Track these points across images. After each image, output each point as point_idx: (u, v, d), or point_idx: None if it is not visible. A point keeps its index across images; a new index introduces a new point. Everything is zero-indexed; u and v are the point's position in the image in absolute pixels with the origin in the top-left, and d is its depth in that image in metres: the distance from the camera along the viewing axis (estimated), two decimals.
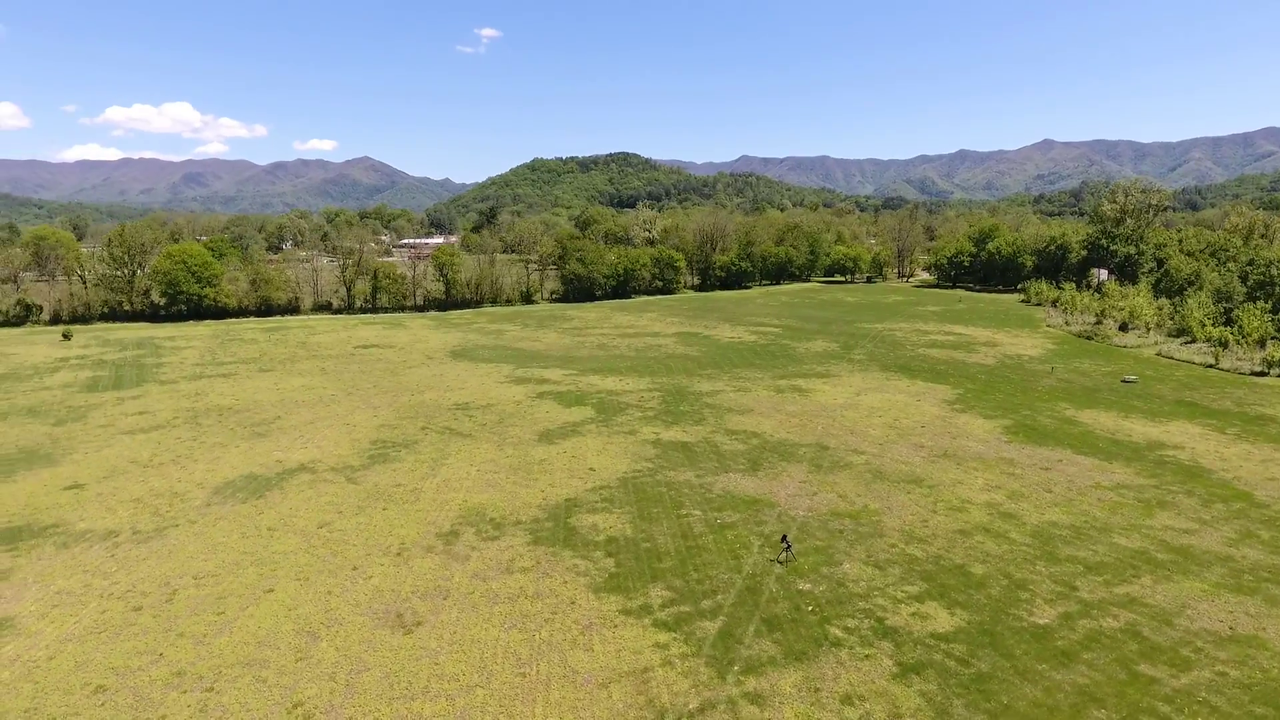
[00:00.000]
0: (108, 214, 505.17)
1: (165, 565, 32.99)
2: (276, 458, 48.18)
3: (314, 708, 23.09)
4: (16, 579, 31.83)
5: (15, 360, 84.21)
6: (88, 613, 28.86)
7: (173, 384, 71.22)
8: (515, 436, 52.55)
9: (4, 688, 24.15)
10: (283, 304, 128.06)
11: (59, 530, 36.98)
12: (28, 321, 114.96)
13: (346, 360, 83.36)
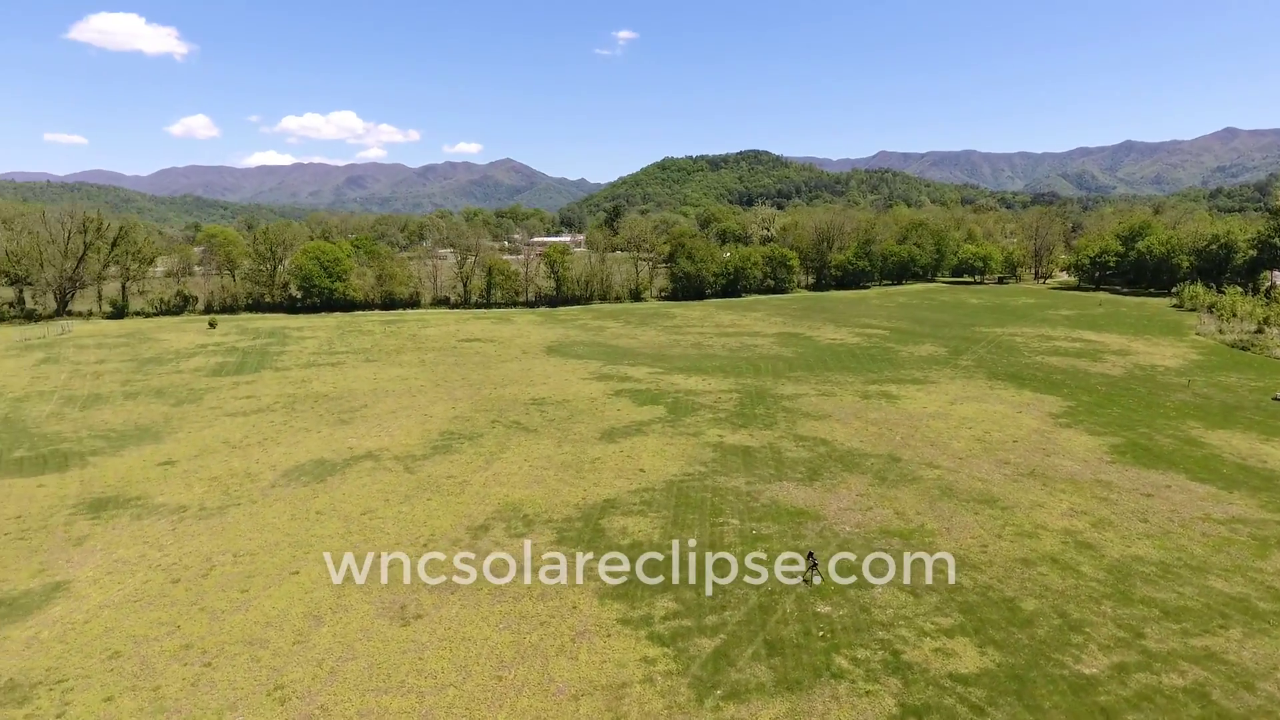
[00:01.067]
0: (279, 214, 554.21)
1: (214, 541, 35.05)
2: (349, 444, 50.39)
3: (293, 691, 23.57)
4: (88, 545, 34.80)
5: (163, 345, 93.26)
6: (133, 582, 31.03)
7: (285, 371, 76.41)
8: (578, 434, 52.37)
9: (37, 646, 26.28)
10: (404, 298, 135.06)
11: (139, 503, 40.22)
12: (185, 311, 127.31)
13: (447, 353, 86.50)
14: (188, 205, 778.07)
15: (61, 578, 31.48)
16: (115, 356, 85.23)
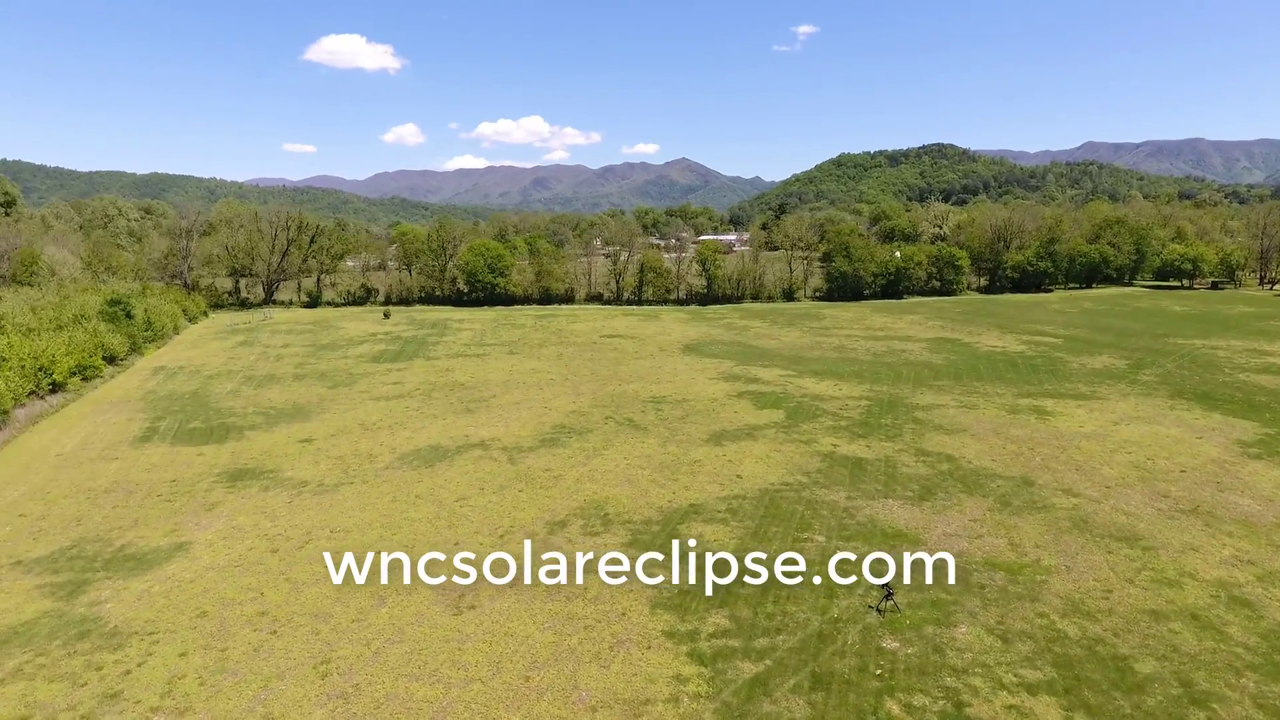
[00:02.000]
0: (471, 214, 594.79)
1: (319, 516, 37.68)
2: (466, 433, 52.55)
3: (336, 667, 24.61)
4: (217, 511, 38.61)
5: (340, 333, 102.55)
6: (239, 548, 33.98)
7: (434, 360, 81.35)
8: (686, 435, 51.35)
9: (145, 599, 29.36)
10: (560, 293, 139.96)
11: (270, 475, 44.14)
12: (368, 302, 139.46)
13: (586, 348, 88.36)
14: (395, 206, 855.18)
15: (186, 539, 35.09)
16: (298, 342, 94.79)
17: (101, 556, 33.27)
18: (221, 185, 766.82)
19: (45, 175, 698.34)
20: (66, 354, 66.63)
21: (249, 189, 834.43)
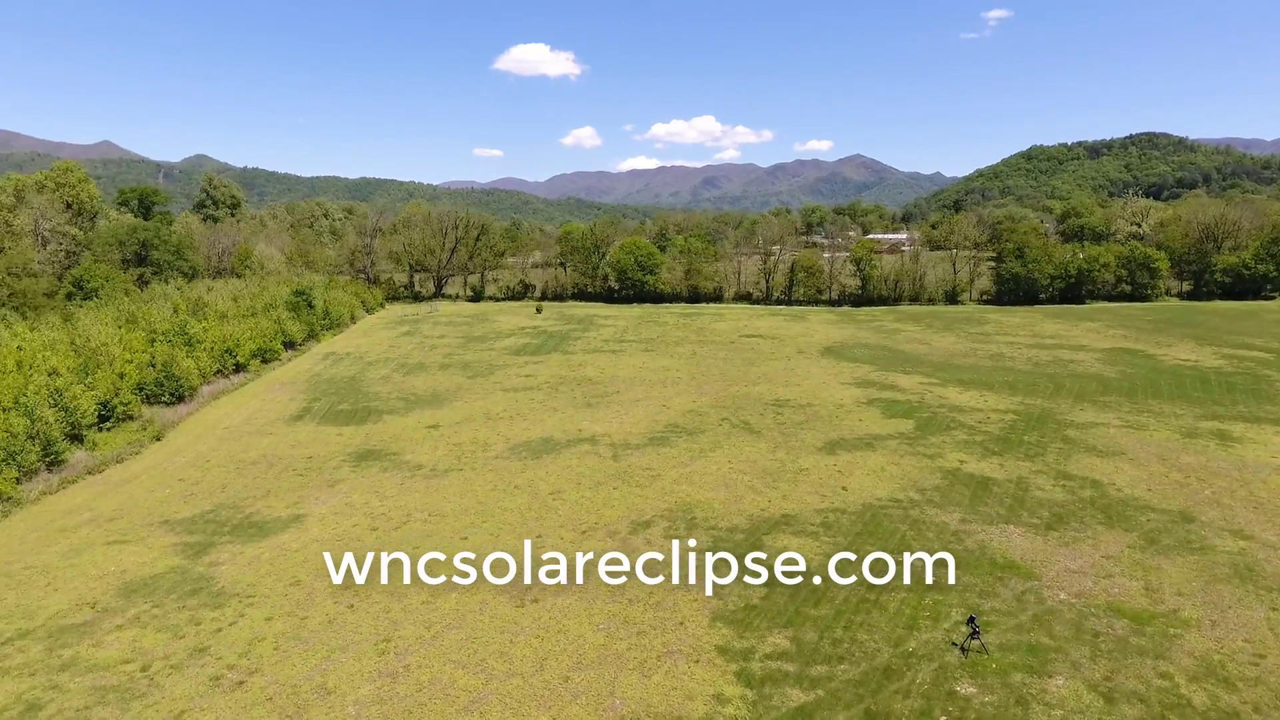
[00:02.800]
0: (641, 213, 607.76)
1: (422, 499, 39.59)
2: (580, 427, 53.34)
3: (394, 646, 25.60)
4: (337, 488, 41.63)
5: (492, 326, 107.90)
6: (345, 524, 36.38)
7: (571, 355, 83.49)
8: (800, 441, 49.12)
9: (255, 564, 32.11)
10: (708, 292, 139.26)
11: (393, 458, 47.02)
12: (525, 297, 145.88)
13: (722, 347, 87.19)
14: (570, 206, 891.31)
15: (304, 511, 38.09)
16: (452, 333, 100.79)
17: (231, 522, 36.87)
18: (419, 188, 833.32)
19: (275, 180, 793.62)
20: (250, 339, 74.90)
21: (441, 191, 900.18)
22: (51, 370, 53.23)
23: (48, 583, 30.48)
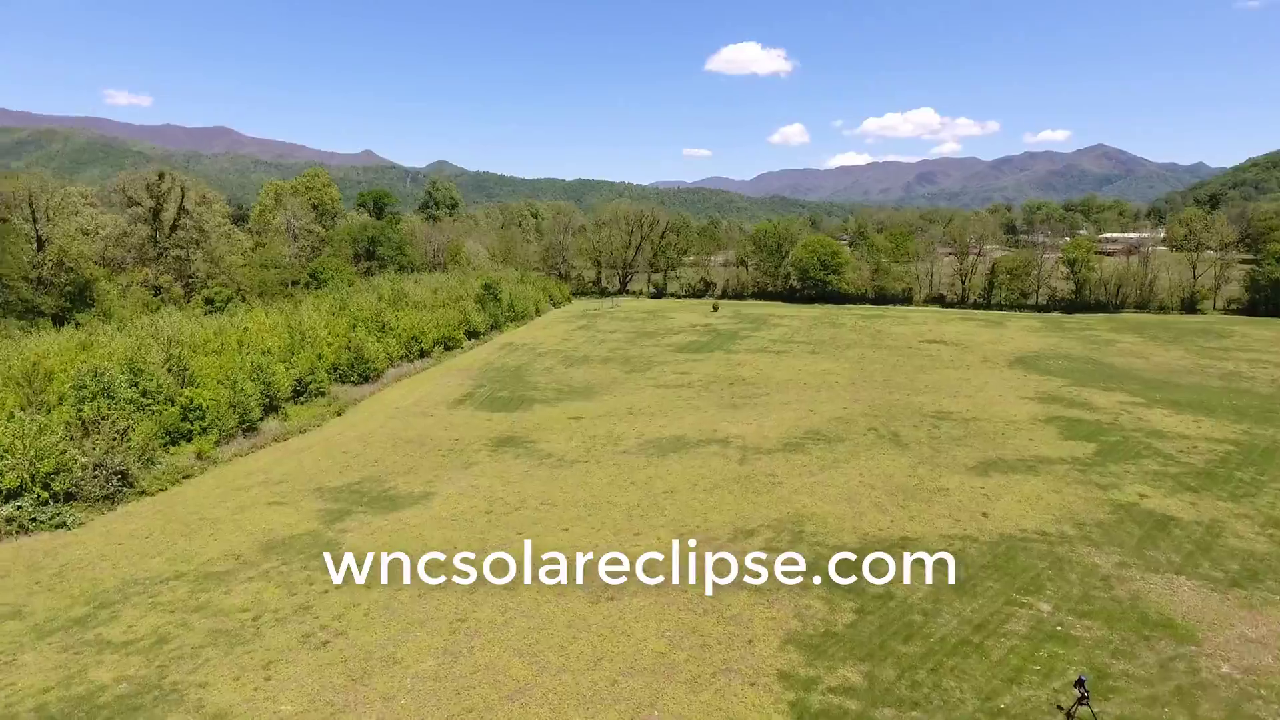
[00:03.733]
0: (845, 211, 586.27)
1: (540, 487, 40.74)
2: (716, 427, 52.33)
3: (466, 628, 26.49)
4: (471, 470, 44.00)
5: (665, 323, 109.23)
6: (464, 505, 38.31)
7: (733, 354, 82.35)
8: (950, 459, 44.78)
9: (375, 535, 34.72)
10: (896, 294, 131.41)
11: (528, 445, 48.91)
12: (706, 295, 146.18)
13: (897, 352, 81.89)
14: (774, 205, 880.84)
15: (434, 490, 40.66)
16: (625, 328, 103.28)
17: (370, 494, 40.21)
18: (629, 188, 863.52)
19: (503, 183, 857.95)
20: (434, 328, 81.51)
21: (649, 191, 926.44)
22: (265, 350, 61.22)
23: (211, 533, 35.01)
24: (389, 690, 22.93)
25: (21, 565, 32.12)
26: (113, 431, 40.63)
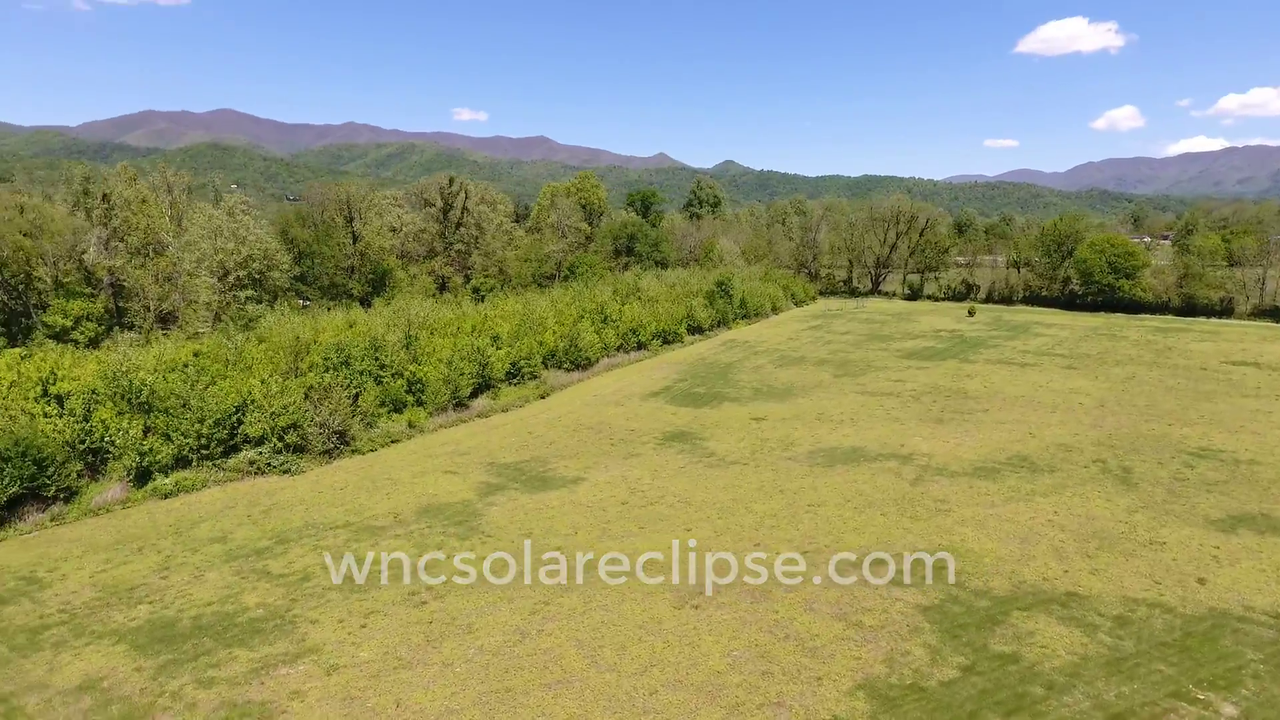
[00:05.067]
0: (1184, 205, 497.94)
1: (685, 484, 40.17)
2: (904, 442, 47.65)
3: (545, 613, 27.05)
4: (630, 461, 44.71)
5: (906, 327, 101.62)
6: (606, 494, 39.05)
7: (968, 364, 74.22)
8: (1188, 506, 36.32)
9: (516, 514, 36.76)
10: (1211, 305, 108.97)
11: (696, 442, 48.44)
12: (967, 298, 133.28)
13: (1183, 374, 68.12)
14: (1091, 199, 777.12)
15: (587, 477, 42.01)
16: (858, 330, 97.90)
17: (529, 473, 42.66)
18: (919, 184, 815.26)
19: (786, 181, 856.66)
20: (654, 321, 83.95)
21: (943, 186, 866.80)
22: (494, 335, 67.68)
23: (387, 493, 39.62)
24: (451, 657, 24.26)
25: (244, 500, 39.07)
26: (342, 397, 47.66)
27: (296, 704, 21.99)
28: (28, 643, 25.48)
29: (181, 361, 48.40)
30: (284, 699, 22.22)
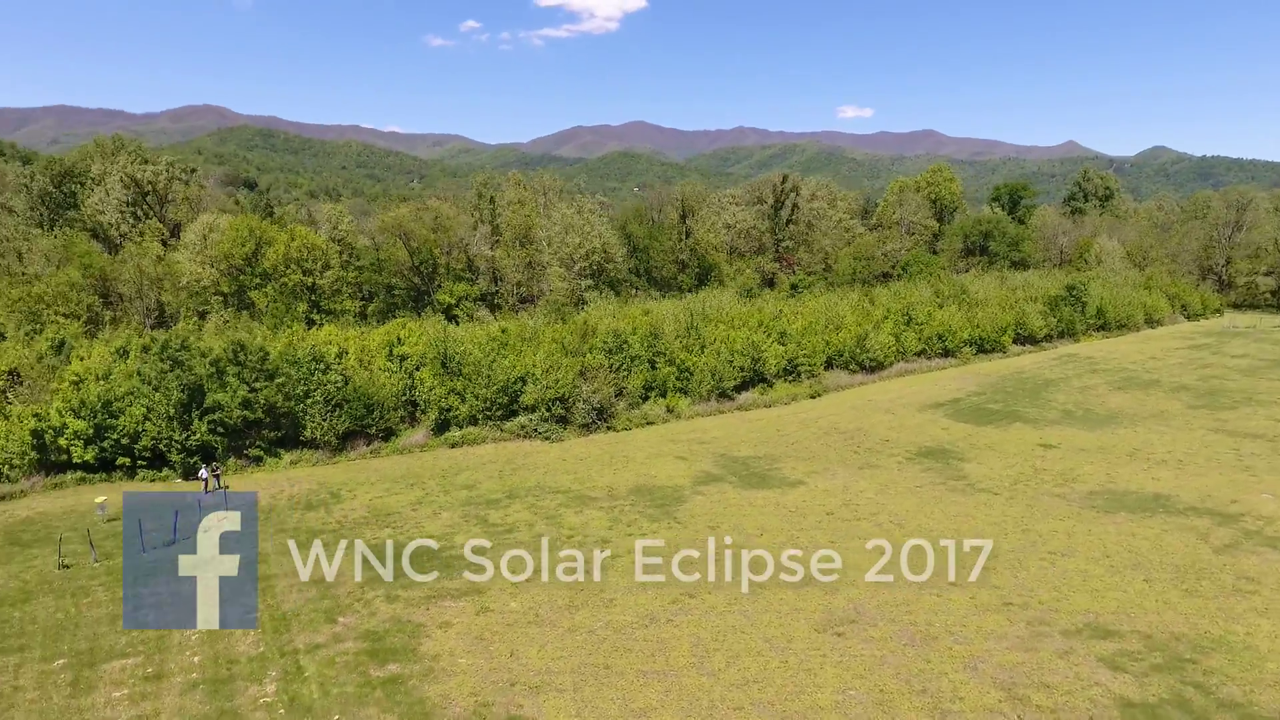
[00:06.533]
0: None
1: (910, 505, 36.14)
2: (1237, 496, 36.90)
3: (691, 604, 26.93)
4: (868, 472, 41.45)
5: None
6: (815, 502, 36.92)
7: None
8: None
9: (718, 505, 36.70)
10: None
11: (949, 462, 43.06)
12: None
13: None
14: None
15: (807, 482, 40.07)
16: (1262, 354, 77.42)
17: (753, 470, 42.02)
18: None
19: (1236, 168, 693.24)
20: (966, 328, 75.61)
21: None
22: (782, 332, 67.42)
23: (615, 469, 42.29)
24: (579, 625, 25.59)
25: (504, 458, 44.93)
26: (607, 377, 51.94)
27: (440, 632, 25.22)
28: (304, 541, 32.83)
29: (490, 336, 56.99)
30: (434, 626, 25.62)
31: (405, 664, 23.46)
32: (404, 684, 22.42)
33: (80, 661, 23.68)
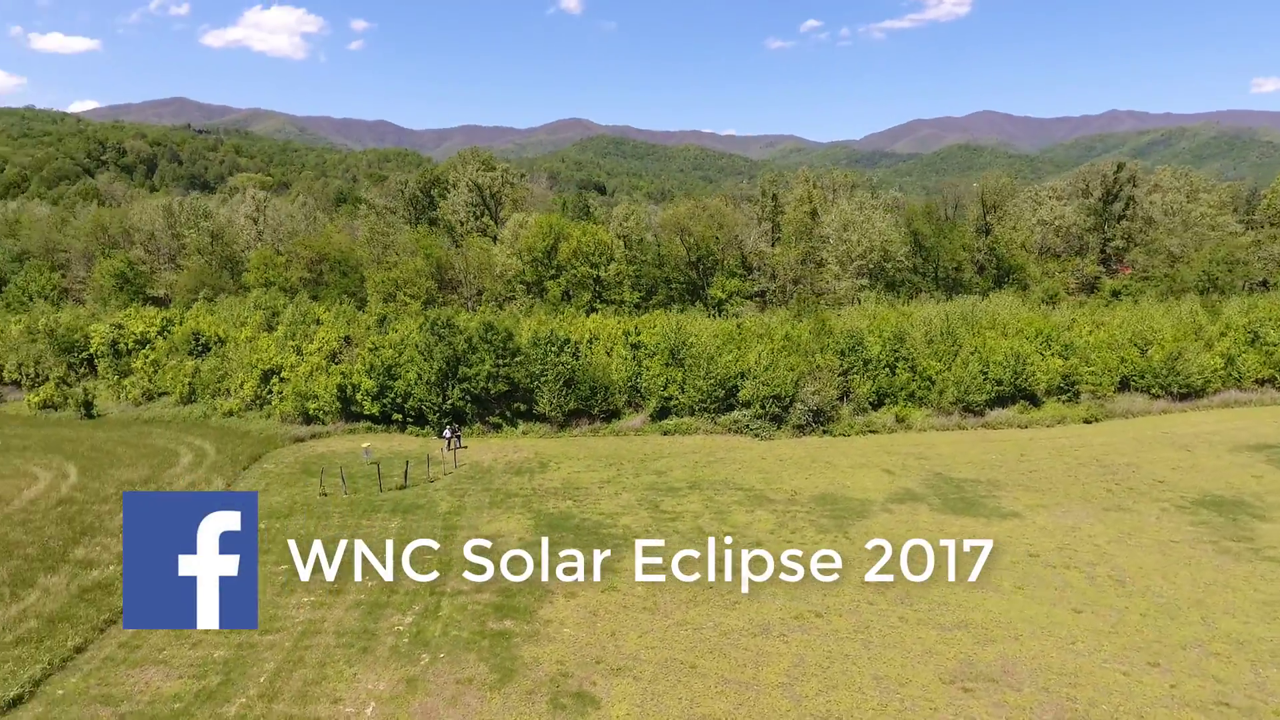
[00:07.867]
0: None
1: (1142, 559, 29.39)
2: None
3: (812, 621, 25.14)
4: (1113, 515, 34.46)
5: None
6: (1026, 542, 31.67)
7: None
8: None
9: (888, 525, 33.34)
10: None
11: (1244, 516, 33.86)
12: None
13: None
14: None
15: (1025, 516, 34.49)
16: None
17: (963, 494, 37.23)
18: None
19: None
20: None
21: None
22: (1066, 344, 58.29)
23: (810, 475, 40.27)
24: (691, 622, 25.30)
25: (704, 450, 45.28)
26: (829, 379, 49.58)
27: (563, 601, 26.68)
28: (498, 502, 36.54)
29: (723, 330, 57.40)
30: (562, 596, 27.13)
31: (519, 623, 25.26)
32: (508, 640, 24.20)
33: (292, 571, 29.22)
